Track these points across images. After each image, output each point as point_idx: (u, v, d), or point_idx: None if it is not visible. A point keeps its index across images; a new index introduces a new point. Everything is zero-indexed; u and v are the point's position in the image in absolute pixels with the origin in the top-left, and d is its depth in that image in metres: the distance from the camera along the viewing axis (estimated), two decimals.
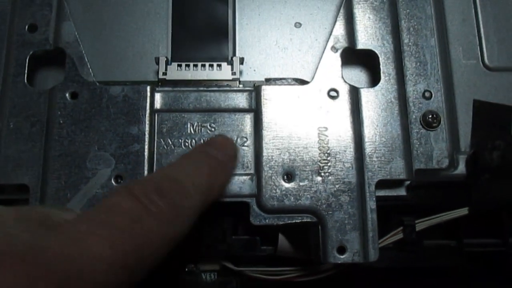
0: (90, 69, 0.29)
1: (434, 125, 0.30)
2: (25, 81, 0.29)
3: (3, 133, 0.29)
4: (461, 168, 0.30)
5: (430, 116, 0.30)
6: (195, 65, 0.30)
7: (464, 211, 0.30)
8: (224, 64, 0.30)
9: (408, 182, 0.29)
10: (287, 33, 0.32)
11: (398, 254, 0.30)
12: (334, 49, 0.30)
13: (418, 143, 0.29)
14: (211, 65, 0.30)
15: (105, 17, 0.32)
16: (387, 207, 0.30)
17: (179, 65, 0.30)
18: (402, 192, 0.30)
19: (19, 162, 0.28)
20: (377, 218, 0.28)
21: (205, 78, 0.30)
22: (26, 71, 0.29)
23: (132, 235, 0.20)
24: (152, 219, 0.21)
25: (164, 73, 0.30)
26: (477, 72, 0.32)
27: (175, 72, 0.30)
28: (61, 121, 0.28)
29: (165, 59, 0.30)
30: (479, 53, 0.32)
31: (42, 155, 0.28)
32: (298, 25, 0.33)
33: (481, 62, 0.32)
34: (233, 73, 0.30)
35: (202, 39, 0.31)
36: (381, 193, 0.29)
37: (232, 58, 0.30)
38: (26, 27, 0.30)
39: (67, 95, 0.29)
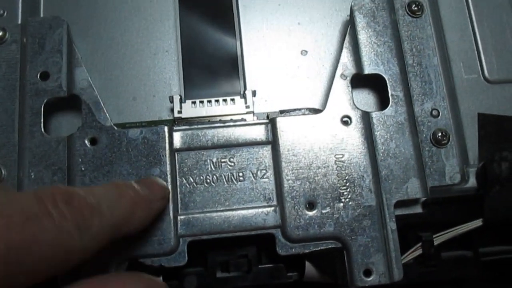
0: (107, 113, 0.29)
1: (444, 142, 0.31)
2: (42, 130, 0.29)
3: (24, 184, 0.29)
4: (472, 181, 0.31)
5: (439, 134, 0.31)
6: (209, 101, 0.31)
7: (478, 222, 0.31)
8: (237, 98, 0.31)
9: (423, 199, 0.31)
10: (294, 61, 0.33)
11: (419, 270, 0.31)
12: (343, 76, 0.31)
13: (430, 161, 0.31)
14: (225, 100, 0.31)
15: (114, 58, 0.33)
16: (404, 224, 0.31)
17: (193, 103, 0.31)
18: (418, 209, 0.31)
19: None
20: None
21: (220, 113, 0.31)
22: (42, 120, 0.30)
23: (23, 232, 0.19)
24: (51, 223, 0.20)
25: (180, 111, 0.31)
26: (478, 86, 0.33)
27: (190, 110, 0.31)
28: (83, 168, 0.29)
29: (179, 97, 0.31)
30: (479, 67, 0.33)
31: None
32: (304, 52, 0.33)
33: (481, 76, 0.33)
34: (247, 107, 0.31)
35: (213, 74, 0.32)
36: (398, 212, 0.30)
37: (244, 92, 0.31)
38: (38, 75, 0.30)
39: (86, 141, 0.29)
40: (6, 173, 0.29)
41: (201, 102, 0.31)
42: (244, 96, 0.31)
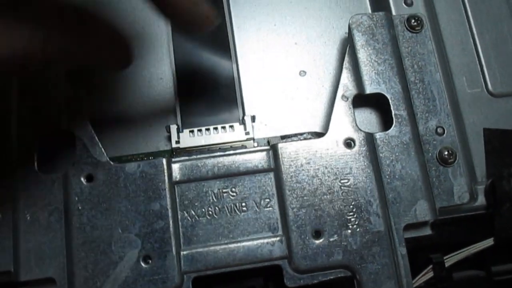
0: (102, 148, 0.28)
1: (451, 160, 0.30)
2: (36, 168, 0.28)
3: (21, 226, 0.28)
4: (481, 199, 0.30)
5: (445, 152, 0.30)
6: (207, 129, 0.30)
7: (489, 241, 0.30)
8: (236, 125, 0.30)
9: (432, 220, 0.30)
10: (293, 83, 0.32)
11: None
12: (344, 97, 0.30)
13: (438, 181, 0.30)
14: (224, 127, 0.30)
15: (107, 88, 0.31)
16: (413, 247, 0.30)
17: (191, 131, 0.30)
18: (427, 231, 0.30)
19: (42, 254, 0.27)
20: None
21: (219, 141, 0.30)
22: (35, 159, 0.28)
23: None
24: None
25: (177, 142, 0.30)
26: (482, 100, 0.32)
27: (188, 139, 0.30)
28: (80, 207, 0.28)
29: (176, 127, 0.30)
30: (483, 81, 0.33)
31: (65, 244, 0.27)
32: (302, 73, 0.32)
33: (485, 90, 0.33)
34: (247, 133, 0.30)
35: (210, 100, 0.31)
36: (407, 234, 0.29)
37: (243, 117, 0.30)
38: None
39: (82, 179, 0.28)
40: (1, 216, 0.28)
41: (199, 130, 0.30)
42: (243, 122, 0.30)
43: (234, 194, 0.29)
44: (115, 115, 0.31)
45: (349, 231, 0.28)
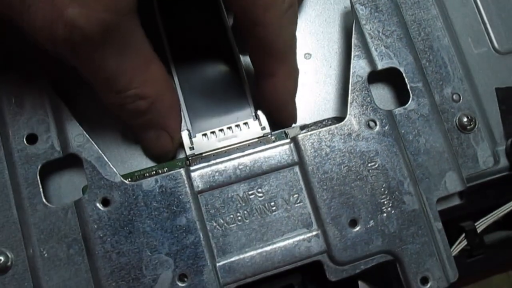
0: (114, 168, 0.26)
1: (470, 126, 0.29)
2: (44, 200, 0.26)
3: (38, 264, 0.25)
4: (503, 161, 0.30)
5: (465, 119, 0.29)
6: (221, 130, 0.28)
7: None
8: (250, 121, 0.28)
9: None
10: (300, 67, 0.30)
11: (466, 261, 0.30)
12: (359, 77, 0.29)
13: (461, 149, 0.29)
14: (237, 126, 0.28)
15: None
16: (445, 219, 0.29)
17: (204, 135, 0.28)
18: (456, 201, 0.30)
19: None
20: None
21: (236, 142, 0.28)
22: (41, 190, 0.26)
23: None
24: None
25: (191, 148, 0.28)
26: (490, 59, 0.32)
27: (202, 144, 0.28)
28: (101, 234, 0.26)
29: (187, 132, 0.28)
30: (488, 40, 0.32)
31: (91, 277, 0.25)
32: (308, 56, 0.31)
33: (492, 48, 0.32)
34: (263, 128, 0.28)
35: (218, 99, 0.29)
36: (438, 208, 0.29)
37: (256, 112, 0.28)
38: (24, 139, 0.26)
39: (97, 204, 0.26)
40: (14, 256, 0.25)
41: (213, 133, 0.28)
42: (257, 117, 0.29)
43: (261, 194, 0.27)
44: (119, 129, 0.29)
45: (385, 214, 0.27)
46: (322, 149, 0.27)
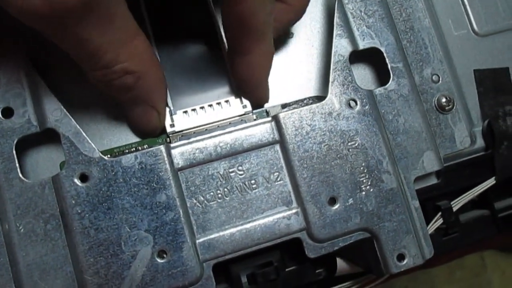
0: (92, 143, 0.26)
1: (449, 107, 0.30)
2: (20, 175, 0.25)
3: (14, 239, 0.25)
4: (480, 142, 0.31)
5: (443, 100, 0.30)
6: (202, 108, 0.28)
7: (491, 181, 0.31)
8: (232, 99, 0.28)
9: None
10: (282, 46, 0.30)
11: (441, 239, 0.31)
12: (340, 56, 0.29)
13: (439, 129, 0.30)
14: (219, 104, 0.28)
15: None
16: (422, 198, 0.30)
17: (185, 112, 0.28)
18: (433, 180, 0.30)
19: (45, 267, 0.25)
20: None
21: (217, 119, 0.28)
22: (17, 164, 0.25)
23: None
24: None
25: (172, 125, 0.28)
26: (469, 41, 0.32)
27: (183, 121, 0.28)
28: (79, 210, 0.25)
29: (168, 109, 0.28)
30: (468, 22, 0.32)
31: (69, 253, 0.25)
32: (290, 35, 0.31)
33: (471, 30, 0.32)
34: (244, 106, 0.28)
35: (200, 77, 0.29)
36: (415, 187, 0.29)
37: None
38: (0, 113, 0.26)
39: (75, 180, 0.25)
40: None
41: (194, 110, 0.28)
42: (239, 95, 0.28)
43: (242, 172, 0.27)
44: (98, 104, 0.28)
45: (363, 193, 0.27)
46: (303, 128, 0.27)
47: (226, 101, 0.28)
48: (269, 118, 0.28)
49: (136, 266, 0.25)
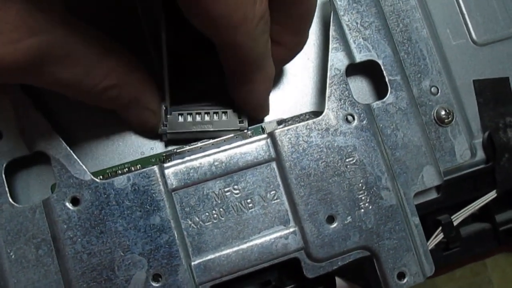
0: (83, 166, 0.25)
1: (448, 120, 0.29)
2: (10, 199, 0.25)
3: (5, 266, 0.24)
4: (480, 154, 0.30)
5: (442, 112, 0.29)
6: (198, 113, 0.27)
7: (492, 194, 0.30)
8: (229, 112, 0.27)
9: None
10: None
11: (442, 254, 0.30)
12: (337, 70, 0.28)
13: (438, 143, 0.29)
14: (216, 113, 0.27)
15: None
16: (422, 213, 0.29)
17: (180, 114, 0.27)
18: (433, 195, 0.30)
19: None
20: None
21: (211, 129, 0.27)
22: (7, 189, 0.25)
23: None
24: None
25: (164, 125, 0.27)
26: (468, 50, 0.32)
27: (176, 124, 0.27)
28: (71, 235, 0.25)
29: (164, 108, 0.27)
30: (466, 31, 0.32)
31: (61, 278, 0.25)
32: None
33: (470, 40, 0.32)
34: (241, 121, 0.28)
35: (202, 83, 0.28)
36: (415, 202, 0.29)
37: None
38: None
39: (67, 203, 0.25)
40: None
41: (189, 114, 0.27)
42: (237, 109, 0.28)
43: (238, 191, 0.26)
44: (89, 123, 0.28)
45: (362, 210, 0.27)
46: (299, 145, 0.27)
47: (224, 112, 0.27)
48: (265, 135, 0.27)
49: None
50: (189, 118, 0.27)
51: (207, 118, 0.27)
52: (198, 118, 0.27)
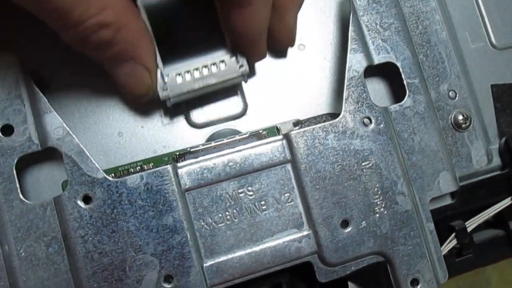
0: (96, 163, 0.25)
1: (465, 125, 0.29)
2: (21, 195, 0.24)
3: (15, 264, 0.24)
4: (496, 160, 0.30)
5: (460, 117, 0.29)
6: (196, 69, 0.26)
7: (508, 201, 0.30)
8: (227, 58, 0.26)
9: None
10: (293, 59, 0.29)
11: (455, 260, 0.30)
12: (355, 72, 0.27)
13: (455, 148, 0.29)
14: (214, 64, 0.26)
15: (86, 89, 0.27)
16: (436, 219, 0.29)
17: (178, 75, 0.26)
18: (448, 200, 0.29)
19: None
20: None
21: (214, 81, 0.26)
22: (18, 185, 0.24)
23: None
24: None
25: (165, 89, 0.26)
26: (487, 54, 0.31)
27: (177, 85, 0.26)
28: (82, 234, 0.24)
29: (160, 72, 0.26)
30: (486, 34, 0.31)
31: (72, 277, 0.24)
32: (302, 47, 0.29)
33: (489, 43, 0.31)
34: (241, 66, 0.27)
35: (191, 37, 0.27)
36: (430, 207, 0.28)
37: (234, 49, 0.27)
38: None
39: (78, 201, 0.24)
40: None
41: (187, 72, 0.26)
42: (234, 54, 0.27)
43: (252, 193, 0.26)
44: (101, 120, 0.27)
45: (377, 215, 0.26)
46: (315, 147, 0.26)
47: (222, 61, 0.26)
48: (281, 137, 0.26)
49: None
50: (188, 77, 0.26)
51: (206, 72, 0.26)
52: (197, 74, 0.26)
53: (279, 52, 0.29)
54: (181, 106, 0.28)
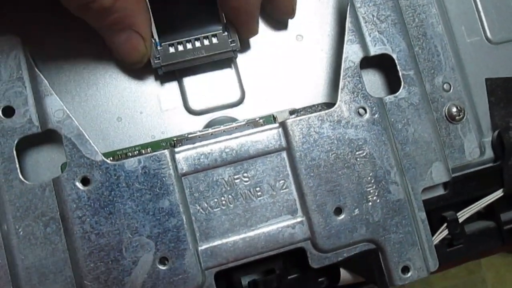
0: (94, 146, 0.25)
1: (459, 117, 0.29)
2: (20, 176, 0.25)
3: (13, 242, 0.25)
4: (489, 153, 0.30)
5: (454, 109, 0.29)
6: (189, 41, 0.27)
7: (499, 193, 0.30)
8: (219, 33, 0.27)
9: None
10: (290, 49, 0.30)
11: (446, 250, 0.30)
12: (351, 62, 0.28)
13: (448, 139, 0.29)
14: (206, 37, 0.27)
15: (86, 74, 0.28)
16: (428, 208, 0.29)
17: (171, 45, 0.27)
18: (440, 191, 0.30)
19: (44, 270, 0.25)
20: None
21: (204, 54, 0.27)
22: (17, 165, 0.25)
23: None
24: None
25: (157, 58, 0.27)
26: (482, 48, 0.31)
27: (169, 55, 0.27)
28: (80, 214, 0.25)
29: (154, 41, 0.27)
30: (481, 29, 0.32)
31: (69, 257, 0.25)
32: (299, 37, 0.30)
33: (484, 38, 0.32)
34: (232, 41, 0.28)
35: (186, 9, 0.28)
36: (422, 197, 0.29)
37: (226, 24, 0.28)
38: (0, 112, 0.25)
39: (77, 183, 0.25)
40: None
41: (180, 43, 0.27)
42: (227, 29, 0.28)
43: (247, 179, 0.27)
44: (100, 104, 0.28)
45: (370, 203, 0.27)
46: (310, 135, 0.27)
47: (214, 35, 0.27)
48: (277, 125, 0.27)
49: (137, 273, 0.25)
50: (181, 47, 0.27)
51: (198, 44, 0.27)
52: (189, 46, 0.27)
53: (279, 22, 0.29)
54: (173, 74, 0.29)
